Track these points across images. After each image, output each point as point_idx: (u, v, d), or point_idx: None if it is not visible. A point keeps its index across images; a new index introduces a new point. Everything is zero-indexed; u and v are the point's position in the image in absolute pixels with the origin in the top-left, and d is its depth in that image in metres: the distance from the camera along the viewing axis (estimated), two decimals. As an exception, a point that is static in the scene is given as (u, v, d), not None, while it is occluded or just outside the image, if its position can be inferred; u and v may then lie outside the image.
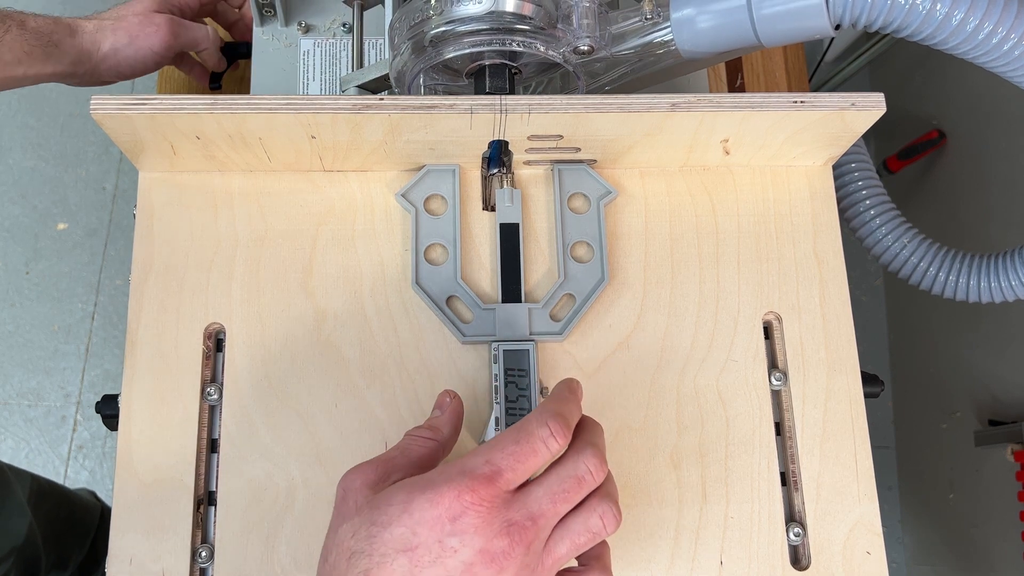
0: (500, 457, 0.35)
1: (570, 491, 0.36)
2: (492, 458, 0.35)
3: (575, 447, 0.37)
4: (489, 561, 0.34)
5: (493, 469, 0.35)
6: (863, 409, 0.48)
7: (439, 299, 0.48)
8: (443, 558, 0.33)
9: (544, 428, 0.36)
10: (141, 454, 0.45)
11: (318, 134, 0.46)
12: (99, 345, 1.45)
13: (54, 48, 0.55)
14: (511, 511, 0.35)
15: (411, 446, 0.39)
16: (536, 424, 0.36)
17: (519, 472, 0.35)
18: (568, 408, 0.38)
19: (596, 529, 0.36)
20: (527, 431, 0.36)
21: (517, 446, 0.35)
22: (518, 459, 0.35)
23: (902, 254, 0.57)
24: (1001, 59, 0.43)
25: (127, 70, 0.59)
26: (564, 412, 0.37)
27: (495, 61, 0.48)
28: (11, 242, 1.49)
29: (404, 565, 0.33)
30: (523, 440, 0.35)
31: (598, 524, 0.36)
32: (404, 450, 0.39)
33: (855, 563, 0.46)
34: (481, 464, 0.35)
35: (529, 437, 0.36)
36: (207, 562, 0.45)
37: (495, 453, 0.35)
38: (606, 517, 0.36)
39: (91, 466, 1.40)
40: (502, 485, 0.35)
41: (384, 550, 0.34)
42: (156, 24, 0.58)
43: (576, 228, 0.50)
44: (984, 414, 1.17)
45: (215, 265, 0.49)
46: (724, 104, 0.45)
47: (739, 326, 0.49)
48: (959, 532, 1.25)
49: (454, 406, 0.42)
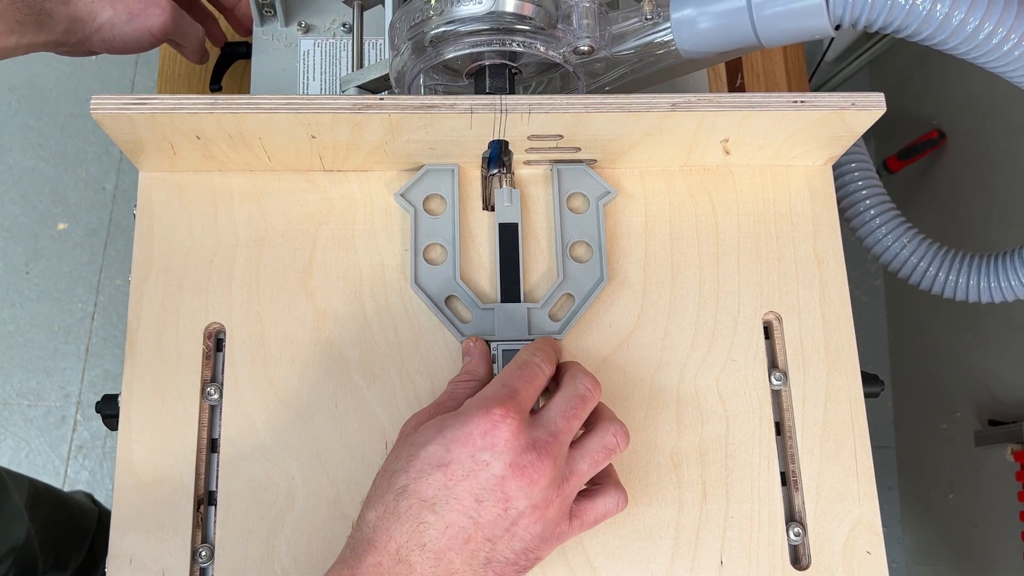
0: (512, 380, 0.40)
1: (578, 407, 0.40)
2: (506, 381, 0.40)
3: (568, 374, 0.42)
4: (519, 474, 0.37)
5: (510, 389, 0.40)
6: (863, 409, 0.48)
7: (438, 299, 0.48)
8: (475, 471, 0.37)
9: (535, 356, 0.42)
10: (141, 454, 0.45)
11: (318, 134, 0.46)
12: (99, 345, 1.45)
13: (47, 16, 0.55)
14: (533, 430, 0.39)
15: (456, 391, 0.43)
16: (528, 354, 0.42)
17: (530, 391, 0.40)
18: (546, 346, 0.43)
19: (611, 445, 0.41)
20: (523, 360, 0.42)
21: (521, 371, 0.41)
22: (526, 379, 0.40)
23: (902, 254, 0.57)
24: (1001, 59, 0.43)
25: (119, 46, 0.58)
26: (544, 347, 0.43)
27: (495, 61, 0.48)
28: (11, 242, 1.49)
29: (439, 479, 0.37)
30: (523, 367, 0.41)
31: (612, 441, 0.41)
32: (450, 394, 0.43)
33: (855, 563, 0.46)
34: (499, 388, 0.40)
35: (528, 363, 0.41)
36: (207, 562, 0.45)
37: (506, 379, 0.40)
38: (619, 435, 0.41)
39: (91, 466, 1.40)
40: (521, 401, 0.39)
41: (420, 466, 0.38)
42: (160, 7, 0.58)
43: (575, 228, 0.50)
44: (984, 414, 1.17)
45: (215, 265, 0.49)
46: (724, 104, 0.45)
47: (739, 326, 0.49)
48: (959, 532, 1.25)
49: (480, 347, 0.46)
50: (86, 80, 1.59)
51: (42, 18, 0.54)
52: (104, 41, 0.58)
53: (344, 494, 0.45)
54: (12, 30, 0.53)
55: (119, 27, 0.57)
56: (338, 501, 0.45)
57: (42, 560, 0.89)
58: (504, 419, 0.37)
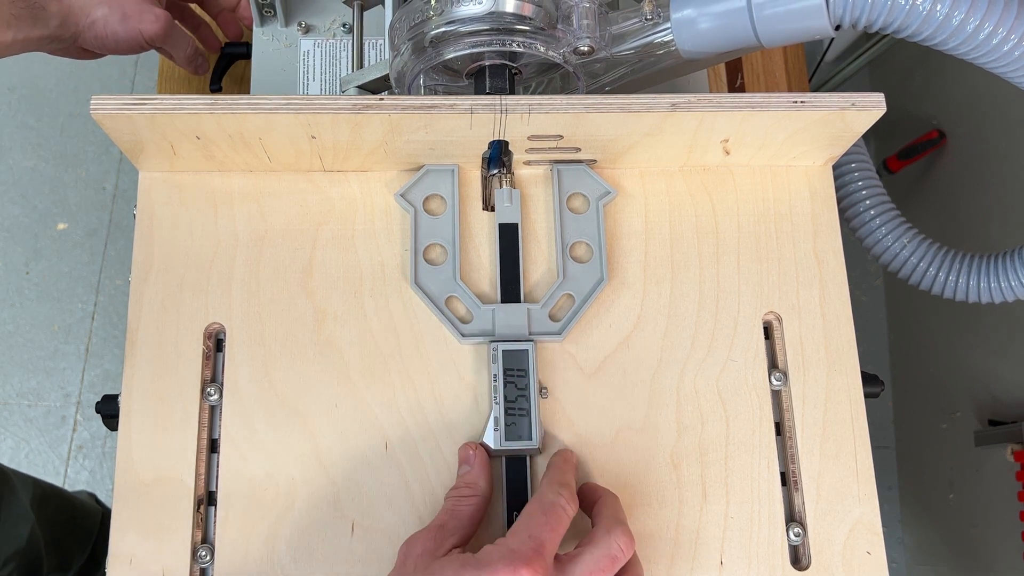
0: (538, 530, 0.38)
1: (606, 569, 0.39)
2: (532, 533, 0.38)
3: (604, 525, 0.40)
4: None
5: (537, 542, 0.37)
6: (863, 409, 0.48)
7: (438, 299, 0.48)
8: None
9: (560, 497, 0.40)
10: (141, 454, 0.45)
11: (318, 134, 0.46)
12: (99, 345, 1.45)
13: (41, 10, 0.55)
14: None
15: (457, 507, 0.42)
16: (553, 495, 0.40)
17: (555, 541, 0.38)
18: (568, 478, 0.42)
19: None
20: (549, 502, 0.39)
21: (546, 517, 0.39)
22: (551, 528, 0.38)
23: (902, 254, 0.57)
24: (1001, 60, 0.43)
25: (111, 44, 0.58)
26: (568, 481, 0.41)
27: (495, 61, 0.49)
28: (11, 242, 1.49)
29: None
30: (549, 511, 0.39)
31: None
32: (452, 512, 0.42)
33: (855, 563, 0.46)
34: (525, 540, 0.37)
35: (552, 507, 0.39)
36: (207, 562, 0.45)
37: (532, 528, 0.38)
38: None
39: (91, 466, 1.40)
40: (547, 555, 0.37)
41: None
42: (156, 15, 0.58)
43: (575, 228, 0.50)
44: (984, 414, 1.17)
45: (215, 265, 0.49)
46: (724, 104, 0.45)
47: (739, 326, 0.49)
48: (959, 532, 1.25)
49: (480, 456, 0.44)
50: (86, 80, 1.59)
51: (37, 12, 0.54)
52: (97, 38, 0.58)
53: (344, 494, 0.45)
54: (8, 24, 0.53)
55: (112, 25, 0.57)
56: (338, 501, 0.45)
57: (46, 561, 0.89)
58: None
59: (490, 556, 0.37)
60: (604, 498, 0.43)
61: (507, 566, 0.36)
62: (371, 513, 0.45)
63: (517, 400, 0.45)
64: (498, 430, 0.45)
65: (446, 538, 0.40)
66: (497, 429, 0.45)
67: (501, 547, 0.37)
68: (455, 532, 0.41)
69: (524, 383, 0.46)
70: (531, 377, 0.46)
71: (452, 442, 0.46)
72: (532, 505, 0.40)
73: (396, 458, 0.46)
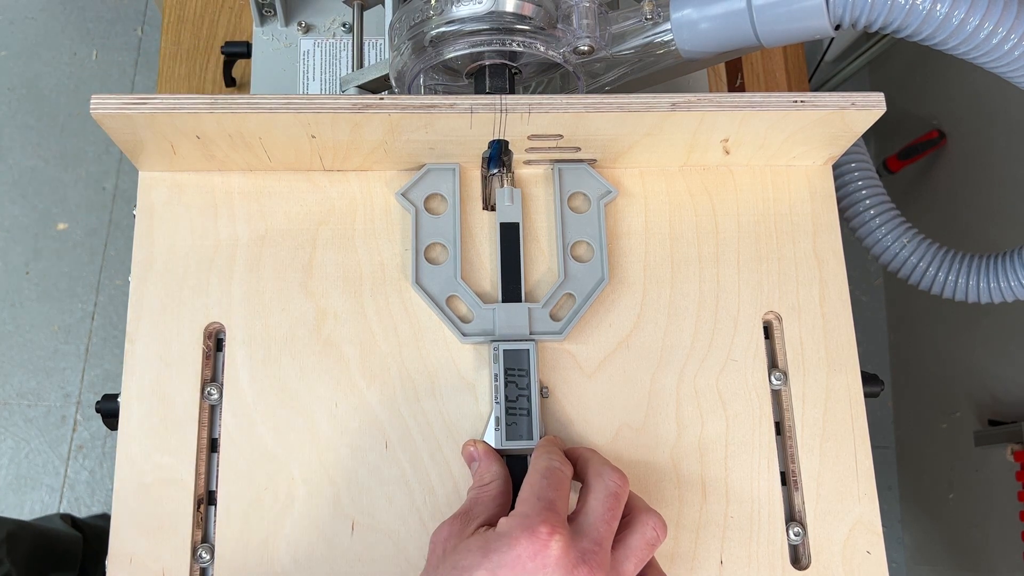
0: (544, 491, 0.39)
1: (614, 507, 0.39)
2: (540, 495, 0.39)
3: (592, 471, 0.41)
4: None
5: (546, 502, 0.38)
6: (863, 409, 0.48)
7: (439, 298, 0.48)
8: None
9: (553, 460, 0.41)
10: (141, 454, 0.45)
11: (318, 134, 0.46)
12: (99, 345, 1.45)
13: None
14: (579, 541, 0.37)
15: (480, 495, 0.43)
16: (546, 459, 0.41)
17: (564, 498, 0.39)
18: (553, 448, 0.43)
19: (652, 539, 0.40)
20: (544, 466, 0.41)
21: (547, 480, 0.40)
22: (555, 488, 0.39)
23: (902, 254, 0.57)
24: (1001, 59, 0.43)
25: None
26: (553, 448, 0.43)
27: (495, 61, 0.49)
28: (11, 242, 1.49)
29: None
30: (548, 474, 0.40)
31: (653, 534, 0.40)
32: (476, 500, 0.42)
33: (855, 563, 0.46)
34: (534, 503, 0.38)
35: (549, 470, 0.40)
36: (207, 562, 0.45)
37: (538, 492, 0.39)
38: (658, 527, 0.40)
39: (91, 466, 1.40)
40: (560, 512, 0.38)
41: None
42: None
43: (576, 227, 0.50)
44: (984, 414, 1.17)
45: (215, 265, 0.49)
46: (724, 104, 0.45)
47: (739, 326, 0.49)
48: (959, 532, 1.25)
49: (483, 447, 0.45)
50: (86, 80, 1.59)
51: None
52: None
53: (344, 493, 0.45)
54: None
55: None
56: (338, 501, 0.45)
57: None
58: (551, 537, 0.36)
59: (507, 526, 0.38)
60: (578, 453, 0.44)
61: (524, 530, 0.37)
62: (371, 512, 0.45)
63: (518, 400, 0.45)
64: (499, 430, 0.45)
65: (471, 521, 0.41)
66: (498, 429, 0.45)
67: (514, 517, 0.38)
68: (480, 515, 0.41)
69: (525, 383, 0.46)
70: (532, 377, 0.46)
71: (452, 441, 0.46)
72: (530, 475, 0.41)
73: (396, 457, 0.46)
